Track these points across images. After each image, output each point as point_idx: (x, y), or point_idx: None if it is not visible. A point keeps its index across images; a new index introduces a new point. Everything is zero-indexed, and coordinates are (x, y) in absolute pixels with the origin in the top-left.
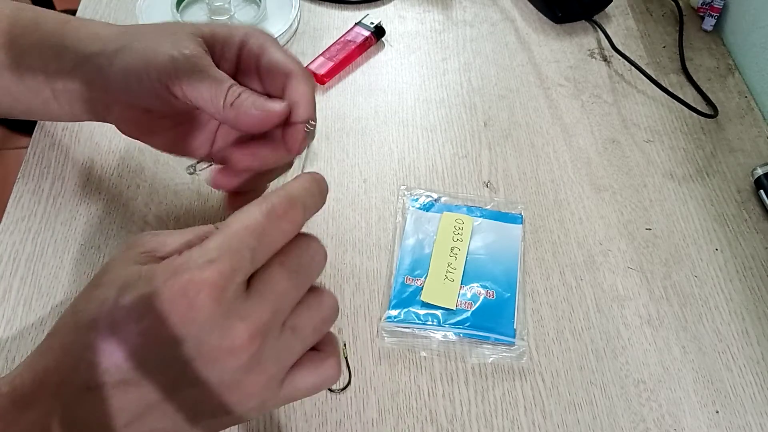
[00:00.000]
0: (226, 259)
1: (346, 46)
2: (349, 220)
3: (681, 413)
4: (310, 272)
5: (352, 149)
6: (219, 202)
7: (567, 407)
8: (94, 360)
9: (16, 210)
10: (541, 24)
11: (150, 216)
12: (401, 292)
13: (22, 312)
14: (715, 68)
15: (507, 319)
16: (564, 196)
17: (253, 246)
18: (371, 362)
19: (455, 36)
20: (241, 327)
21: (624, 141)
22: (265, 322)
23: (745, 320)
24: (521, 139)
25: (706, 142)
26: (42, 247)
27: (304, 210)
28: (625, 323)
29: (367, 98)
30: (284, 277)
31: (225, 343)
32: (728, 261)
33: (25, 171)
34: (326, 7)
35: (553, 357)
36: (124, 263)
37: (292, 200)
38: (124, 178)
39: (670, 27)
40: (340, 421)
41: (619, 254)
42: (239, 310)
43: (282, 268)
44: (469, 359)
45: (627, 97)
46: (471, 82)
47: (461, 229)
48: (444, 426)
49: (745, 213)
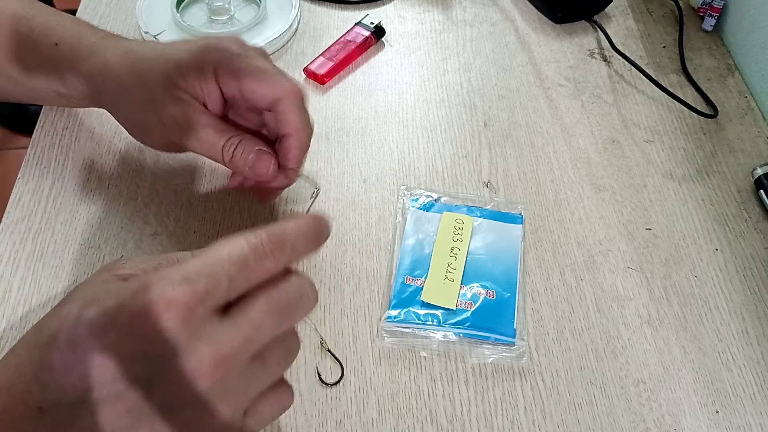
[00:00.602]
0: (201, 281)
1: (346, 46)
2: (349, 220)
3: (681, 413)
4: (294, 313)
5: (352, 149)
6: (219, 202)
7: (567, 407)
8: (49, 379)
9: (16, 210)
10: (541, 24)
11: (150, 216)
12: (401, 292)
13: (22, 312)
14: (715, 68)
15: (507, 319)
16: (564, 196)
17: (232, 275)
18: (371, 362)
19: (455, 36)
20: (207, 351)
21: (624, 141)
22: (234, 350)
23: (745, 320)
24: (521, 139)
25: (706, 142)
26: (42, 247)
27: (293, 251)
28: (625, 323)
29: (367, 98)
30: (264, 310)
31: (188, 366)
32: (728, 261)
33: (25, 171)
34: (326, 7)
35: (553, 357)
36: (93, 282)
37: (281, 240)
38: (124, 178)
39: (670, 27)
40: (340, 421)
41: (619, 254)
42: (208, 333)
43: (265, 301)
44: (469, 359)
45: (627, 97)
46: (471, 82)
47: (461, 229)
48: (444, 426)
49: (745, 213)
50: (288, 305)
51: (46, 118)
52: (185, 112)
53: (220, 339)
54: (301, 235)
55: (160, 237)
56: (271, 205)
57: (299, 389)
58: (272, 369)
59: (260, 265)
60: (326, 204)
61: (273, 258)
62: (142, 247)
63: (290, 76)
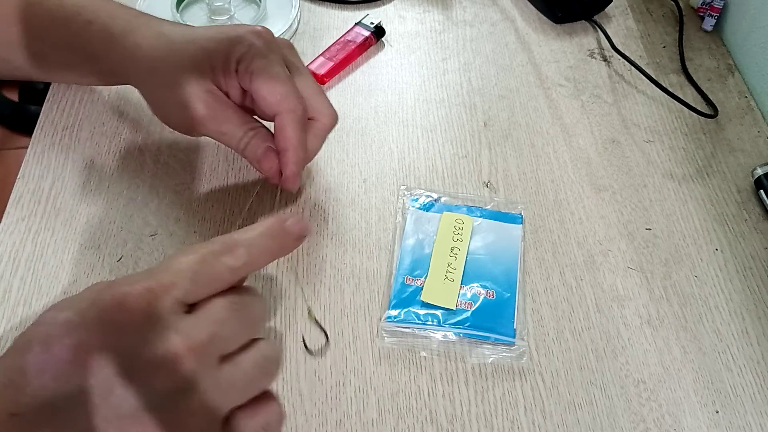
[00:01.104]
0: (166, 274)
1: (346, 46)
2: (349, 220)
3: (681, 413)
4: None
5: (352, 149)
6: (219, 202)
7: (567, 407)
8: (21, 382)
9: (16, 210)
10: (541, 24)
11: (150, 216)
12: (401, 292)
13: (22, 312)
14: (715, 68)
15: (507, 319)
16: (564, 196)
17: (195, 269)
18: (371, 362)
19: (455, 36)
20: (177, 338)
21: (624, 141)
22: (202, 342)
23: (745, 320)
24: (521, 139)
25: (706, 142)
26: (42, 247)
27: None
28: (625, 323)
29: (367, 98)
30: (225, 306)
31: (160, 351)
32: (728, 261)
33: (25, 171)
34: (326, 7)
35: (553, 357)
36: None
37: (235, 240)
38: (124, 178)
39: (670, 27)
40: (340, 421)
41: (619, 254)
42: (176, 323)
43: (224, 300)
44: (469, 359)
45: (627, 97)
46: (471, 82)
47: (461, 229)
48: (444, 426)
49: (745, 213)
50: (245, 304)
51: (46, 118)
52: (208, 101)
53: (187, 330)
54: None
55: (160, 237)
56: (271, 205)
57: (299, 388)
58: (249, 374)
59: (219, 261)
60: (326, 204)
61: (231, 254)
62: (142, 247)
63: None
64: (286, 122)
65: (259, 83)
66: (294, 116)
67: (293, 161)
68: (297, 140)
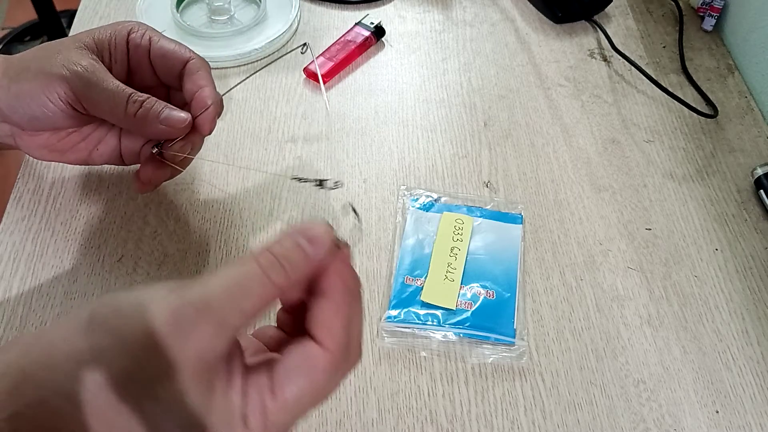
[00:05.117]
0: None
1: (346, 46)
2: (349, 220)
3: (681, 413)
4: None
5: (352, 149)
6: (219, 202)
7: (567, 407)
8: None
9: (16, 210)
10: (541, 24)
11: (150, 216)
12: (401, 292)
13: (22, 312)
14: (715, 68)
15: (507, 319)
16: (564, 196)
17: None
18: (371, 362)
19: (455, 36)
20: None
21: (624, 141)
22: None
23: (745, 320)
24: (521, 139)
25: (706, 142)
26: (42, 247)
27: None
28: (625, 323)
29: (367, 98)
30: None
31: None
32: (728, 261)
33: (25, 171)
34: (326, 7)
35: (553, 357)
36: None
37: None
38: (124, 177)
39: (670, 27)
40: (340, 421)
41: (619, 254)
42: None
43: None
44: (469, 359)
45: (627, 97)
46: (471, 82)
47: (461, 229)
48: (444, 426)
49: (745, 213)
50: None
51: None
52: (91, 65)
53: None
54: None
55: (160, 237)
56: (272, 205)
57: None
58: None
59: (267, 280)
60: (326, 204)
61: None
62: (142, 247)
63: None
64: (200, 64)
65: (162, 43)
66: (203, 63)
67: (214, 96)
68: (212, 81)
